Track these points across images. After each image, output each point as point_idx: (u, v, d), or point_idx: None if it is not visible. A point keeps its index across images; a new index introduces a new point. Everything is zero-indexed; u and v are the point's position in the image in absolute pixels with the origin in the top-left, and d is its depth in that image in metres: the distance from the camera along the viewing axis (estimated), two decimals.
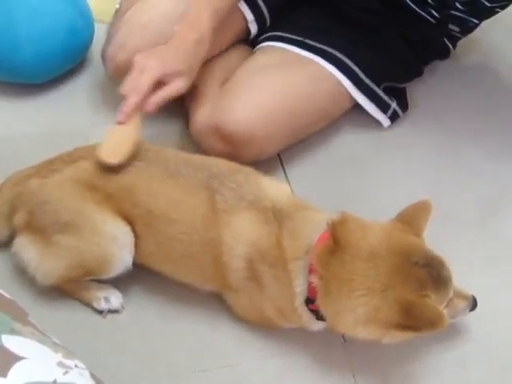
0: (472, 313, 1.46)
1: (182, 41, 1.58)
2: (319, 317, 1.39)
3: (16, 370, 0.85)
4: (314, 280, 1.35)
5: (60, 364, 0.90)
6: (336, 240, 1.33)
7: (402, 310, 1.28)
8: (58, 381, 0.86)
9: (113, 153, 1.46)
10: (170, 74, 1.54)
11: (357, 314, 1.31)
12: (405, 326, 1.30)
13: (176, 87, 1.56)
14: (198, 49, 1.60)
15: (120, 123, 1.50)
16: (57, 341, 1.01)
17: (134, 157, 1.48)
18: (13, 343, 0.89)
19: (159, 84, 1.54)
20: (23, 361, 0.87)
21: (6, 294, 1.05)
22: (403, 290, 1.29)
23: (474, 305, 1.45)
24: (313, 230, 1.39)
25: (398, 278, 1.30)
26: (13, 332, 0.92)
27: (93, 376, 0.91)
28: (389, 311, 1.29)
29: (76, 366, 0.91)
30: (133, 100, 1.51)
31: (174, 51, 1.57)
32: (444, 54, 2.02)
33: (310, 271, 1.35)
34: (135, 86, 1.52)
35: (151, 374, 1.44)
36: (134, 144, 1.48)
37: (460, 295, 1.42)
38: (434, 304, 1.30)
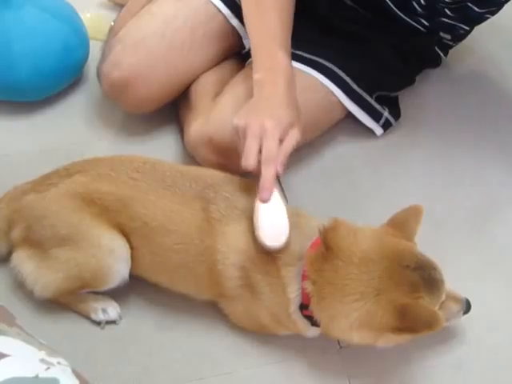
0: (466, 316, 1.47)
1: (274, 88, 1.53)
2: (314, 322, 1.40)
3: None
4: (308, 286, 1.36)
5: (42, 361, 0.91)
6: (328, 246, 1.35)
7: (398, 313, 1.29)
8: (40, 376, 0.88)
9: (275, 236, 1.40)
10: (286, 128, 1.47)
11: (350, 318, 1.32)
12: (401, 329, 1.31)
13: (294, 139, 1.48)
14: (291, 91, 1.55)
15: (265, 201, 1.43)
16: (43, 341, 1.03)
17: (130, 169, 1.50)
18: None
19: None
20: (6, 358, 0.89)
21: None
22: (396, 294, 1.30)
23: (467, 308, 1.46)
24: (305, 236, 1.41)
25: (391, 281, 1.31)
26: None
27: (74, 372, 0.93)
28: (384, 315, 1.30)
29: (58, 362, 0.93)
30: (270, 172, 1.42)
31: (273, 102, 1.51)
32: (435, 62, 2.03)
33: (304, 277, 1.37)
34: (266, 156, 1.43)
35: (149, 383, 1.46)
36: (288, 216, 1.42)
37: (453, 298, 1.43)
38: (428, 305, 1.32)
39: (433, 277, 1.34)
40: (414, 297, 1.30)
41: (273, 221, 1.41)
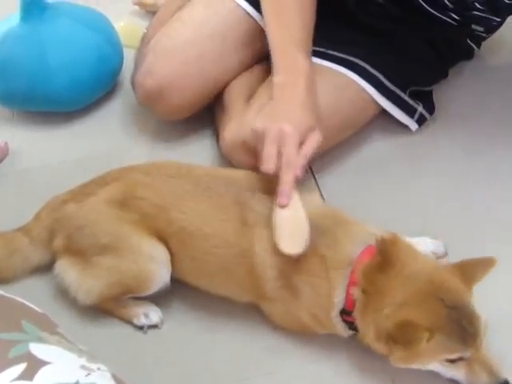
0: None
1: (293, 92, 1.54)
2: (351, 327, 1.42)
3: (41, 373, 0.90)
4: (356, 292, 1.37)
5: (83, 367, 0.94)
6: (385, 258, 1.35)
7: (397, 325, 1.28)
8: (81, 382, 0.90)
9: (293, 242, 1.41)
10: (305, 132, 1.49)
11: (378, 328, 1.33)
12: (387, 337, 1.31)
13: (314, 143, 1.50)
14: (312, 95, 1.56)
15: (284, 206, 1.44)
16: (83, 348, 1.05)
17: (166, 175, 1.53)
18: (39, 350, 0.94)
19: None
20: (48, 365, 0.91)
21: (37, 309, 1.10)
22: (413, 313, 1.29)
23: None
24: (355, 243, 1.41)
25: (418, 304, 1.30)
26: (40, 340, 0.97)
27: (114, 377, 0.95)
28: (386, 321, 1.30)
29: (98, 368, 0.95)
30: (289, 177, 1.44)
31: (294, 106, 1.52)
32: (468, 54, 2.02)
33: (351, 283, 1.37)
34: (286, 161, 1.45)
35: None
36: (308, 222, 1.43)
37: (489, 369, 1.34)
38: (431, 344, 1.28)
39: (461, 324, 1.29)
40: (426, 327, 1.28)
41: (291, 226, 1.42)
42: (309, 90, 1.55)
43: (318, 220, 1.44)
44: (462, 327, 1.30)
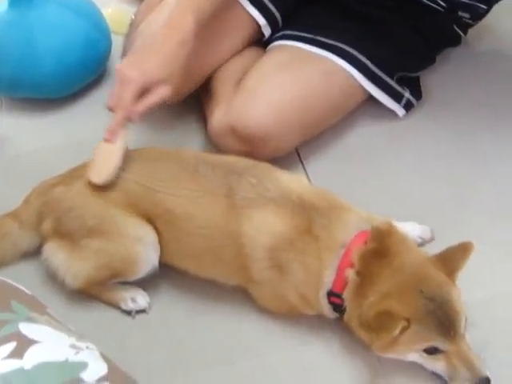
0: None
1: (164, 44, 1.58)
2: (337, 310, 1.43)
3: (31, 352, 0.91)
4: (350, 274, 1.38)
5: (72, 346, 0.95)
6: (380, 246, 1.37)
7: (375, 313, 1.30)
8: (70, 360, 0.91)
9: (100, 173, 1.50)
10: (151, 82, 1.55)
11: (360, 314, 1.35)
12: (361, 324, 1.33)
13: (159, 95, 1.57)
14: (180, 51, 1.59)
15: (107, 141, 1.54)
16: (72, 328, 1.06)
17: (153, 159, 1.55)
18: (29, 330, 0.95)
19: (144, 91, 1.55)
20: (38, 344, 0.93)
21: (26, 290, 1.11)
22: (392, 304, 1.31)
23: None
24: (349, 227, 1.43)
25: (400, 294, 1.32)
26: (29, 320, 0.98)
27: (103, 356, 0.96)
28: (367, 310, 1.33)
29: (87, 347, 0.96)
30: (118, 117, 1.54)
31: (154, 57, 1.57)
32: (455, 41, 2.02)
33: (343, 265, 1.39)
34: (119, 100, 1.54)
35: (183, 369, 1.48)
36: (120, 160, 1.52)
37: (469, 364, 1.33)
38: (408, 333, 1.30)
39: (438, 314, 1.31)
40: (402, 317, 1.30)
41: (104, 159, 1.51)
42: (178, 48, 1.59)
43: (314, 200, 1.46)
44: (437, 318, 1.31)
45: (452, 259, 1.38)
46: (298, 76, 1.77)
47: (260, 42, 1.95)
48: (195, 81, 1.87)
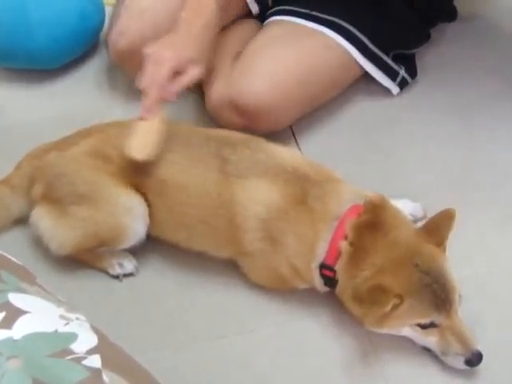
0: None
1: (189, 27, 1.59)
2: (327, 283, 1.44)
3: (20, 322, 0.90)
4: (343, 245, 1.38)
5: (61, 317, 0.94)
6: (374, 219, 1.38)
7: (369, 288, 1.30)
8: (59, 330, 0.91)
9: (141, 150, 1.48)
10: (185, 62, 1.55)
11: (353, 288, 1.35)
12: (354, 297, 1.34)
13: (192, 75, 1.57)
14: (207, 33, 1.61)
15: (144, 119, 1.52)
16: (62, 299, 1.06)
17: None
18: (18, 300, 0.95)
19: (175, 73, 1.55)
20: (27, 314, 0.92)
21: (16, 261, 1.11)
22: (387, 279, 1.31)
23: (475, 361, 1.35)
24: (343, 200, 1.44)
25: (395, 269, 1.33)
26: (19, 290, 0.97)
27: (93, 327, 0.96)
28: (362, 284, 1.33)
29: (77, 318, 0.96)
30: (154, 94, 1.52)
31: (184, 39, 1.58)
32: (450, 15, 2.02)
33: (337, 237, 1.39)
34: (154, 79, 1.52)
35: (172, 342, 1.48)
36: (161, 138, 1.50)
37: (462, 339, 1.35)
38: (402, 308, 1.31)
39: (434, 288, 1.31)
40: (396, 293, 1.30)
41: (144, 136, 1.49)
42: (205, 30, 1.60)
43: (309, 172, 1.47)
44: (433, 292, 1.31)
45: (438, 229, 1.39)
46: (296, 50, 1.77)
47: (256, 18, 1.94)
48: None
